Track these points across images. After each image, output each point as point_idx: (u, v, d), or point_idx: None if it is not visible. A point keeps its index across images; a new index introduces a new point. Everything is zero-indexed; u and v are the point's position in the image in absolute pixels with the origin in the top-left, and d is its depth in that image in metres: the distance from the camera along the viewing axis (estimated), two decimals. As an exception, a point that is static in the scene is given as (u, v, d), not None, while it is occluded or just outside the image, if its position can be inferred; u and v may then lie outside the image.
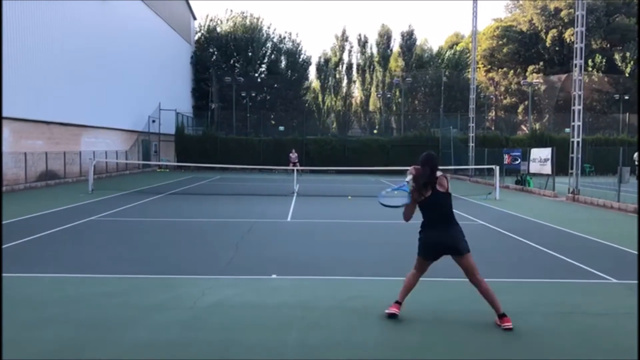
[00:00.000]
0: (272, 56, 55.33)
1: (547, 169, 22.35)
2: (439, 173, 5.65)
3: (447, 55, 58.38)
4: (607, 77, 52.95)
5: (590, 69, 52.74)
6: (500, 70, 61.63)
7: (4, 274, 7.46)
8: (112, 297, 6.49)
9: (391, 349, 5.00)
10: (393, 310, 5.77)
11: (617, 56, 53.59)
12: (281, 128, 45.31)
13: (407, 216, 5.84)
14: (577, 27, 21.10)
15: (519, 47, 60.61)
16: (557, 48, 58.99)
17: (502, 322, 5.53)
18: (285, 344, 5.05)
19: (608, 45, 56.41)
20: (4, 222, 12.44)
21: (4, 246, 9.49)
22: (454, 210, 5.82)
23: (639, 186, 16.86)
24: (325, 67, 60.51)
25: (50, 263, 8.35)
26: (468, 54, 54.66)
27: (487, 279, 7.55)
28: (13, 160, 21.66)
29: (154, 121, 39.27)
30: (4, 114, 21.11)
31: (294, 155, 35.54)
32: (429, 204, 5.68)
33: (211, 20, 54.85)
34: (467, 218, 14.50)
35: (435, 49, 61.79)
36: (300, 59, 56.48)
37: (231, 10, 55.55)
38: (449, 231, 5.64)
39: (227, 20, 54.67)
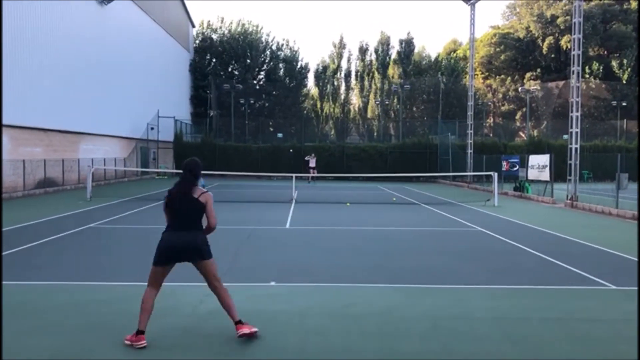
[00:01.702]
0: (271, 63, 55.49)
1: (546, 175, 22.40)
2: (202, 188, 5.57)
3: (443, 62, 58.56)
4: (604, 84, 53.15)
5: (587, 75, 52.95)
6: (497, 77, 61.86)
7: (8, 282, 7.46)
8: (110, 304, 6.50)
9: (389, 355, 5.00)
10: (140, 343, 5.10)
11: (614, 63, 53.85)
12: (279, 135, 45.37)
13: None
14: (574, 34, 21.21)
15: (516, 54, 60.87)
16: (553, 55, 59.24)
17: (238, 328, 5.29)
18: (284, 351, 5.06)
19: (605, 52, 56.69)
20: (7, 228, 12.42)
21: (8, 252, 9.49)
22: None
23: (639, 192, 16.91)
24: (324, 74, 60.69)
25: (48, 270, 8.35)
26: (465, 61, 54.88)
27: (485, 286, 7.62)
28: (11, 168, 21.67)
29: (152, 128, 39.30)
30: (4, 122, 21.15)
31: (312, 160, 35.38)
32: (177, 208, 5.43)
33: (210, 27, 55.02)
34: (465, 224, 14.52)
35: (433, 56, 62.01)
36: (299, 66, 56.65)
37: (230, 18, 55.43)
38: (190, 236, 5.36)
39: (226, 27, 54.83)
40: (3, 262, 8.79)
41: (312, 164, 35.22)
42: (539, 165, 23.08)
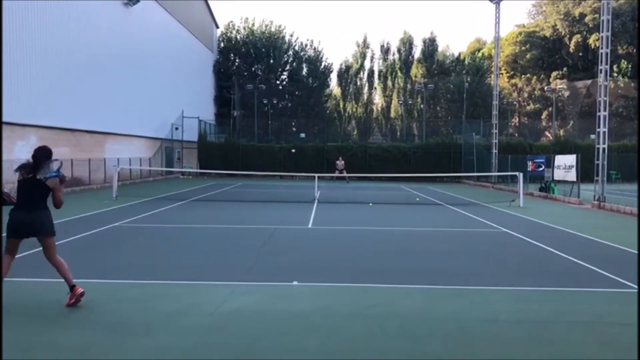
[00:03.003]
0: (294, 64, 55.61)
1: (572, 175, 22.02)
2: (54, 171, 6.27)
3: (466, 61, 58.01)
4: (633, 82, 52.08)
5: (615, 74, 51.95)
6: (523, 76, 61.07)
7: (30, 279, 7.59)
8: (134, 302, 6.55)
9: (413, 357, 4.95)
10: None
11: (644, 61, 52.72)
12: (302, 135, 45.45)
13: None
14: (602, 32, 20.80)
15: (542, 52, 60.04)
16: (580, 54, 58.29)
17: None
18: (305, 351, 5.03)
19: (634, 51, 55.54)
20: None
21: (29, 252, 9.66)
22: None
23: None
24: (347, 74, 60.61)
25: (74, 269, 8.44)
26: (490, 60, 54.27)
27: (511, 287, 7.50)
28: (39, 167, 22.04)
29: (177, 128, 39.72)
30: (32, 122, 21.60)
31: (340, 163, 35.56)
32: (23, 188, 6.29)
33: (234, 28, 55.37)
34: (490, 225, 14.34)
35: (457, 55, 61.49)
36: (322, 66, 56.65)
37: (253, 19, 55.71)
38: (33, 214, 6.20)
39: (249, 28, 55.12)
40: (30, 262, 8.95)
41: (341, 167, 35.25)
42: (565, 165, 22.71)
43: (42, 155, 6.26)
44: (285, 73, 55.71)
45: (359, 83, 61.25)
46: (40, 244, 6.38)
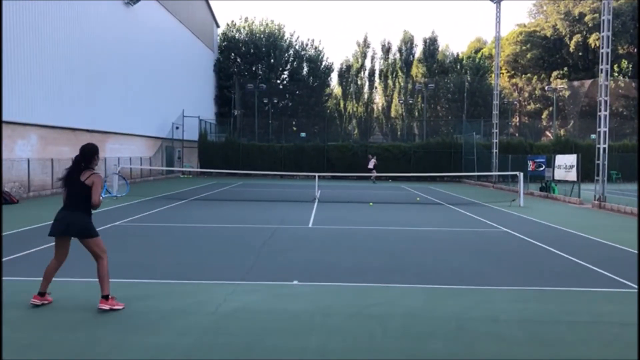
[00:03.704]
0: (294, 63, 55.59)
1: (573, 175, 22.02)
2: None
3: (465, 62, 57.97)
4: (633, 82, 52.05)
5: (616, 74, 51.92)
6: (523, 75, 61.02)
7: (29, 278, 7.60)
8: (134, 301, 6.55)
9: (413, 356, 4.95)
10: (35, 300, 6.16)
11: (644, 61, 52.67)
12: (303, 134, 45.45)
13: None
14: (602, 31, 20.78)
15: (542, 52, 59.98)
16: (581, 53, 58.25)
17: (100, 302, 6.08)
18: (306, 350, 5.04)
19: (635, 50, 55.49)
20: (30, 227, 12.68)
21: (29, 251, 9.68)
22: None
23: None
24: (347, 74, 60.58)
25: (76, 268, 8.46)
26: (491, 60, 54.25)
27: (511, 287, 7.50)
28: (40, 167, 22.07)
29: (177, 128, 39.73)
30: (33, 121, 21.59)
31: (372, 161, 35.11)
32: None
33: (234, 27, 55.34)
34: (490, 225, 14.35)
35: (457, 55, 61.47)
36: (322, 66, 56.62)
37: (254, 18, 55.71)
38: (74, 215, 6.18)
39: (250, 27, 55.10)
40: (31, 261, 8.97)
41: (371, 165, 34.89)
42: (565, 165, 22.71)
43: (89, 152, 6.39)
44: (285, 72, 55.70)
45: (359, 82, 61.20)
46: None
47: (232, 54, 54.28)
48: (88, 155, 6.33)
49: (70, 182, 6.22)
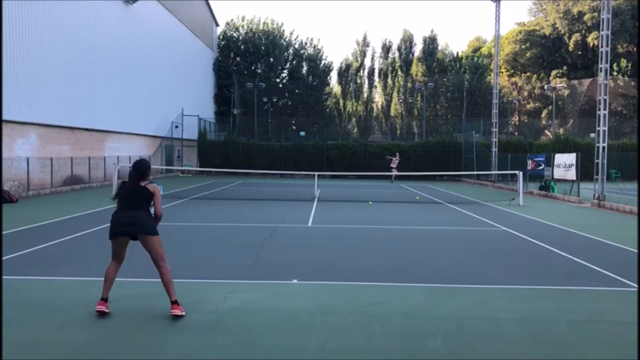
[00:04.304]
0: (294, 62, 55.58)
1: (572, 174, 22.02)
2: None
3: (465, 60, 57.98)
4: (633, 81, 52.04)
5: (615, 73, 51.92)
6: (523, 74, 61.01)
7: (27, 277, 7.60)
8: (134, 300, 6.56)
9: (413, 355, 4.95)
10: (101, 308, 5.85)
11: (643, 60, 52.65)
12: (302, 133, 45.46)
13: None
14: (602, 30, 20.78)
15: (542, 51, 59.97)
16: (580, 52, 58.26)
17: (173, 309, 5.86)
18: (306, 349, 5.04)
19: (634, 49, 55.49)
20: (29, 226, 12.67)
21: (29, 250, 9.68)
22: None
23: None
24: (347, 73, 60.57)
25: (74, 266, 8.47)
26: (490, 59, 54.26)
27: (511, 286, 7.51)
28: (39, 165, 22.06)
29: (177, 127, 39.71)
30: (32, 120, 21.58)
31: (395, 160, 34.89)
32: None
33: (233, 26, 55.30)
34: (489, 224, 14.35)
35: (456, 54, 61.48)
36: (322, 65, 56.61)
37: (253, 17, 55.68)
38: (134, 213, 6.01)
39: (249, 26, 55.06)
40: (31, 259, 8.97)
41: (394, 164, 34.55)
42: (565, 164, 22.72)
43: (142, 167, 6.17)
44: (285, 71, 55.70)
45: (359, 81, 61.21)
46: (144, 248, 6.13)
47: (232, 53, 54.27)
48: (142, 170, 6.12)
49: (127, 189, 6.07)
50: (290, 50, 55.68)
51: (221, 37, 54.32)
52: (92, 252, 9.67)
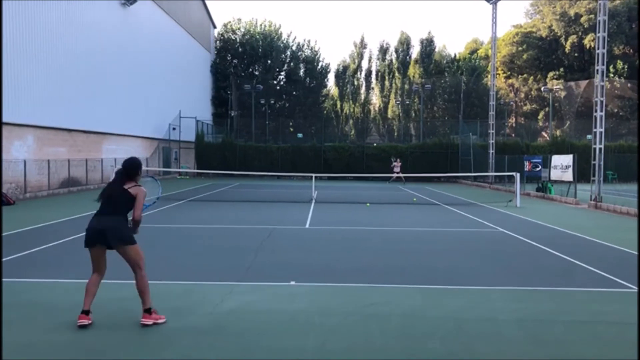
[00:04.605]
0: (291, 64, 55.62)
1: (569, 176, 22.07)
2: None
3: (462, 62, 58.12)
4: (629, 83, 52.20)
5: (612, 74, 52.06)
6: (520, 76, 61.15)
7: (25, 279, 7.59)
8: (131, 302, 6.54)
9: (411, 356, 4.96)
10: (82, 321, 5.53)
11: (640, 62, 52.82)
12: (299, 135, 45.47)
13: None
14: (598, 32, 20.85)
15: (538, 53, 60.10)
16: (576, 54, 58.40)
17: (143, 317, 5.64)
18: (304, 350, 5.04)
19: (631, 51, 55.67)
20: (26, 228, 12.65)
21: (26, 252, 9.66)
22: None
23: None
24: (344, 74, 60.63)
25: (72, 269, 8.45)
26: (487, 61, 54.37)
27: (509, 287, 7.52)
28: (37, 167, 22.02)
29: (174, 129, 39.66)
30: (29, 122, 21.55)
31: (398, 164, 35.15)
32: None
33: (231, 29, 55.32)
34: (487, 225, 14.37)
35: (454, 56, 61.59)
36: (319, 67, 56.66)
37: (251, 19, 55.74)
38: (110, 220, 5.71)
39: (247, 28, 55.09)
40: (27, 261, 8.95)
41: (397, 169, 34.85)
42: (562, 165, 22.76)
43: (131, 165, 5.89)
44: (282, 73, 55.75)
45: (356, 83, 61.27)
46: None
47: (229, 55, 54.30)
48: (131, 170, 5.83)
49: (110, 191, 5.79)
50: (288, 52, 55.73)
51: (218, 39, 54.33)
52: (87, 254, 9.63)
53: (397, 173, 34.43)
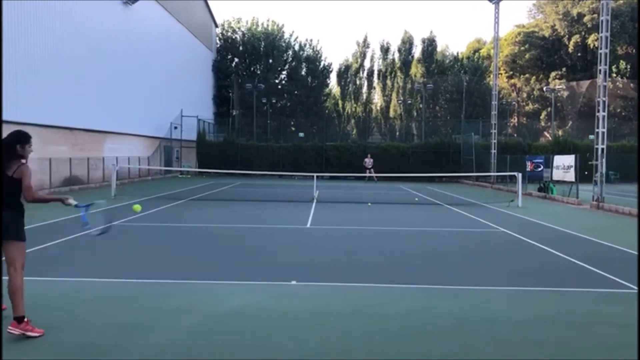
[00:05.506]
0: (293, 63, 55.62)
1: (571, 176, 22.02)
2: (23, 161, 5.19)
3: (464, 62, 58.07)
4: (632, 82, 52.08)
5: (614, 74, 51.96)
6: (522, 76, 61.06)
7: (27, 278, 7.57)
8: (132, 301, 6.54)
9: (411, 356, 4.94)
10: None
11: (643, 61, 52.68)
12: (301, 134, 45.44)
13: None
14: (601, 32, 20.80)
15: (541, 52, 60.01)
16: (579, 54, 58.29)
17: (11, 324, 5.08)
18: (304, 350, 5.03)
19: (633, 51, 55.56)
20: (29, 227, 12.62)
21: (28, 250, 9.64)
22: None
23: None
24: (346, 74, 60.59)
25: (73, 267, 8.45)
26: (489, 60, 54.31)
27: (509, 288, 7.50)
28: (38, 166, 22.01)
29: (175, 127, 39.68)
30: (31, 121, 21.53)
31: (369, 161, 35.47)
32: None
33: (233, 27, 55.32)
34: (488, 225, 14.35)
35: (456, 55, 61.53)
36: (321, 66, 56.63)
37: (252, 18, 55.73)
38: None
39: (248, 27, 55.09)
40: (29, 259, 8.94)
41: (369, 164, 35.19)
42: (564, 165, 22.72)
43: (10, 140, 5.13)
44: (284, 72, 55.75)
45: (358, 82, 61.22)
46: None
47: (231, 54, 54.33)
48: (8, 145, 5.10)
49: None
50: (290, 52, 55.72)
51: (220, 37, 54.33)
52: (89, 253, 9.65)
53: (370, 171, 34.48)
